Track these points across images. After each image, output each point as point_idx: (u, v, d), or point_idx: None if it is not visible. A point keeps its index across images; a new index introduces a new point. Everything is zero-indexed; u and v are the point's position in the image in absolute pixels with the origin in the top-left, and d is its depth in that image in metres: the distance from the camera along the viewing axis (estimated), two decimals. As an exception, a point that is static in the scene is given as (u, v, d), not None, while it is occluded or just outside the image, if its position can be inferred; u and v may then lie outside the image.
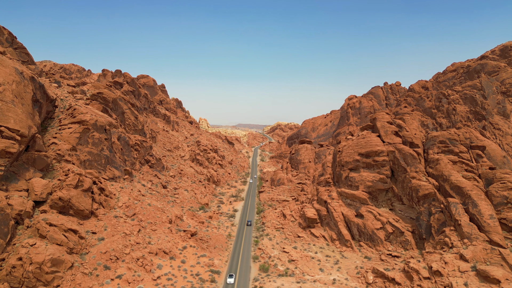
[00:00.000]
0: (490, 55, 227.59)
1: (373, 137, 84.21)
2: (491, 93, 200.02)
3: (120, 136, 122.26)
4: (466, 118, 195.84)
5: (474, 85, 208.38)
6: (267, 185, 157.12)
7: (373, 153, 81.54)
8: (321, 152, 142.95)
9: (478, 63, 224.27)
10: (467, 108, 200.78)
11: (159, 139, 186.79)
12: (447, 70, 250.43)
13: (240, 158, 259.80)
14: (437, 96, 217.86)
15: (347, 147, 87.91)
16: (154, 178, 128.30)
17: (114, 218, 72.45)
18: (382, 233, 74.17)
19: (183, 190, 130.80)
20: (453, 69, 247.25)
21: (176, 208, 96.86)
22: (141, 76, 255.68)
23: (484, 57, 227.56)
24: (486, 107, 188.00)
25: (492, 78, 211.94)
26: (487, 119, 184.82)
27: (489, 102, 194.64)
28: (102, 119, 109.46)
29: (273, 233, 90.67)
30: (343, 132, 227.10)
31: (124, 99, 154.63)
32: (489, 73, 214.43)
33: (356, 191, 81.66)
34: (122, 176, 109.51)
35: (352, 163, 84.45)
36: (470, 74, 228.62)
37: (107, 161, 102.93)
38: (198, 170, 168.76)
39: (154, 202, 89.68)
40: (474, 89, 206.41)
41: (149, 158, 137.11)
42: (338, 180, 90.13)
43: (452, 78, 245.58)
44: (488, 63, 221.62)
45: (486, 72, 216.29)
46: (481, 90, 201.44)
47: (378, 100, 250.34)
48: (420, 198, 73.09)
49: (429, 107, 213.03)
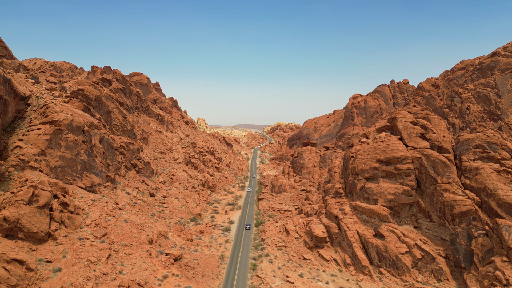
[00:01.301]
0: (502, 51, 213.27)
1: (394, 140, 70.28)
2: (505, 91, 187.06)
3: (103, 138, 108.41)
4: (480, 118, 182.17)
5: (487, 83, 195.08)
6: (267, 191, 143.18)
7: (394, 160, 67.60)
8: (326, 156, 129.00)
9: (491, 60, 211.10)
10: (480, 107, 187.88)
11: (151, 141, 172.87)
12: (456, 68, 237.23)
13: (238, 160, 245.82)
14: (448, 94, 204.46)
15: (362, 152, 73.95)
16: (141, 185, 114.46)
17: (78, 241, 58.55)
18: (408, 259, 60.30)
19: (173, 198, 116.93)
20: (462, 66, 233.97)
21: (161, 223, 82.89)
22: (134, 74, 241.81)
23: (496, 54, 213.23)
24: (500, 106, 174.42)
25: (506, 76, 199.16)
26: (502, 119, 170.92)
27: (503, 101, 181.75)
28: (80, 119, 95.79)
29: (274, 253, 76.79)
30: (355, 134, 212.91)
31: (111, 97, 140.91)
32: (502, 71, 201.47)
33: (374, 205, 67.70)
34: (103, 184, 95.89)
35: (369, 171, 70.52)
36: (483, 72, 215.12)
37: (84, 166, 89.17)
38: (192, 175, 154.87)
39: (134, 217, 75.71)
40: (488, 87, 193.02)
41: (136, 162, 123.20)
42: (351, 191, 76.18)
43: (461, 76, 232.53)
44: (500, 60, 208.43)
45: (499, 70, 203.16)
46: (495, 88, 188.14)
47: (384, 99, 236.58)
48: (455, 216, 59.22)
49: (440, 106, 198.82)
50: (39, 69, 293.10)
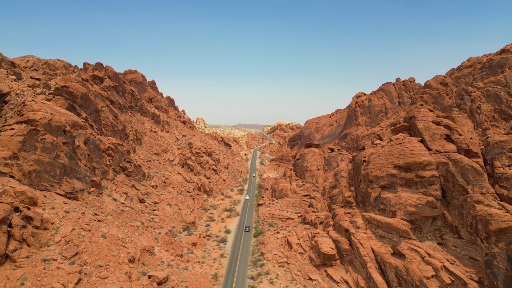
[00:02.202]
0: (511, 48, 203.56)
1: (414, 142, 60.69)
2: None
3: (89, 139, 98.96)
4: (491, 117, 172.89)
5: (498, 81, 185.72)
6: (267, 196, 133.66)
7: (416, 166, 58.04)
8: (331, 158, 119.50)
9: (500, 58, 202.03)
10: (490, 106, 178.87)
11: (145, 141, 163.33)
12: (463, 66, 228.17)
13: (237, 162, 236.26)
14: (458, 93, 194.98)
15: (377, 155, 64.39)
16: (130, 190, 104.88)
17: (41, 263, 49.02)
18: (435, 284, 50.81)
19: (165, 204, 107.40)
20: (469, 64, 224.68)
21: (147, 236, 73.25)
22: (128, 72, 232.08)
23: (505, 51, 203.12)
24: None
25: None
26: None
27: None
28: (61, 118, 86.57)
29: (275, 270, 67.29)
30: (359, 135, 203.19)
31: (101, 95, 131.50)
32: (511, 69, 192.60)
33: (392, 218, 58.15)
34: (86, 189, 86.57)
35: (385, 178, 60.98)
36: (493, 69, 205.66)
37: (64, 171, 79.78)
38: (188, 178, 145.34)
39: (114, 229, 66.12)
40: (498, 85, 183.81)
41: (125, 165, 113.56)
42: (363, 201, 66.62)
43: (468, 74, 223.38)
44: (510, 57, 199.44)
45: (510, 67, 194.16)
46: (506, 87, 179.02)
47: (390, 97, 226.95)
48: (491, 233, 49.75)
49: (449, 106, 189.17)
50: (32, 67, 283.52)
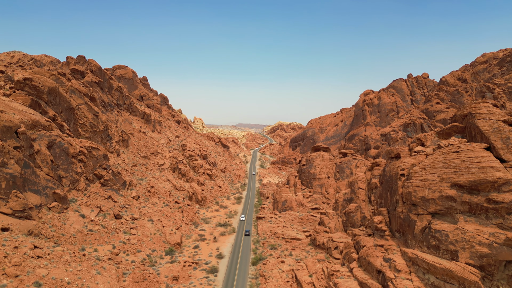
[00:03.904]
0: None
1: (479, 150, 42.87)
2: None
3: (54, 142, 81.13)
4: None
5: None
6: (268, 207, 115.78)
7: (487, 185, 40.25)
8: (344, 164, 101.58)
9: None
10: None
11: (132, 143, 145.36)
12: (477, 62, 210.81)
13: (235, 165, 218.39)
14: (479, 89, 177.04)
15: (422, 168, 46.58)
16: (105, 202, 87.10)
17: None
18: None
19: (146, 220, 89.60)
20: (484, 60, 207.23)
21: (108, 275, 54.99)
22: (117, 67, 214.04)
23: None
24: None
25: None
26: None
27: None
28: (14, 117, 69.23)
29: (280, 321, 49.59)
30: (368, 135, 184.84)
31: (78, 91, 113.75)
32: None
33: (452, 262, 40.34)
34: (46, 204, 69.06)
35: (438, 202, 43.22)
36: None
37: (13, 183, 62.16)
38: (178, 185, 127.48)
39: (59, 270, 48.10)
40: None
41: (101, 172, 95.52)
42: (403, 230, 48.82)
43: (484, 70, 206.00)
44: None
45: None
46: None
47: (401, 95, 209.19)
48: None
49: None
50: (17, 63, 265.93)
